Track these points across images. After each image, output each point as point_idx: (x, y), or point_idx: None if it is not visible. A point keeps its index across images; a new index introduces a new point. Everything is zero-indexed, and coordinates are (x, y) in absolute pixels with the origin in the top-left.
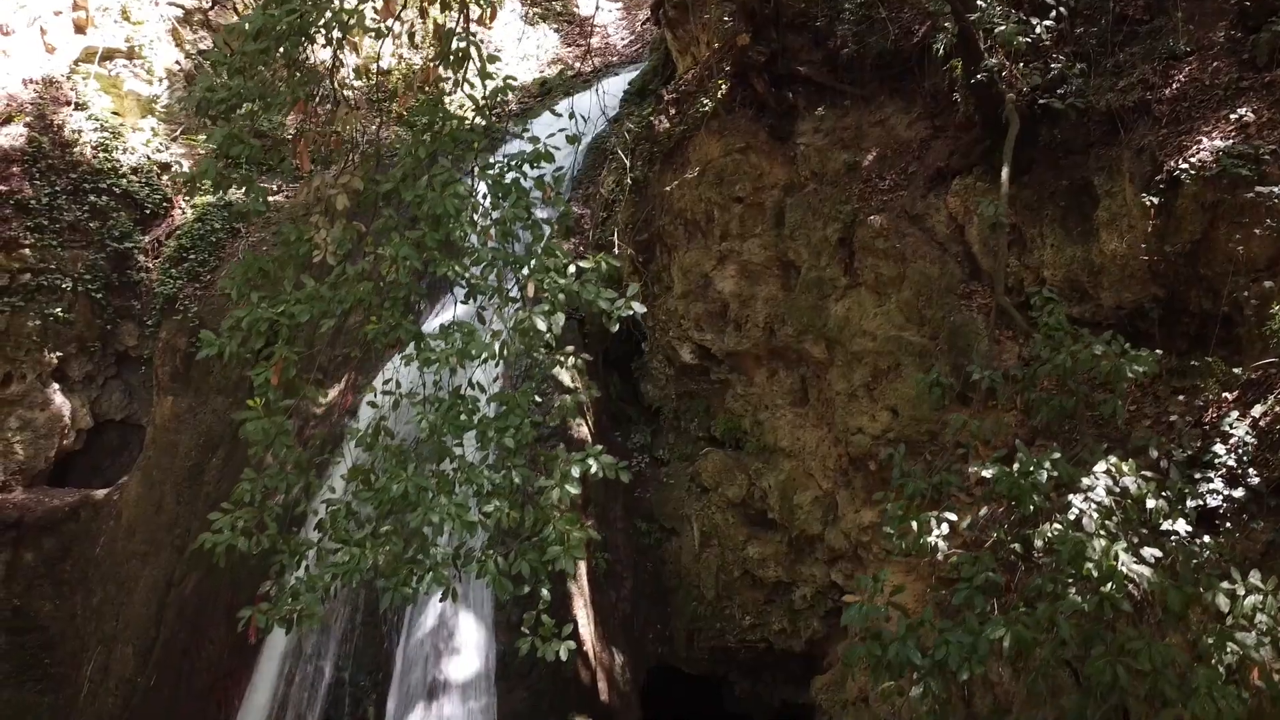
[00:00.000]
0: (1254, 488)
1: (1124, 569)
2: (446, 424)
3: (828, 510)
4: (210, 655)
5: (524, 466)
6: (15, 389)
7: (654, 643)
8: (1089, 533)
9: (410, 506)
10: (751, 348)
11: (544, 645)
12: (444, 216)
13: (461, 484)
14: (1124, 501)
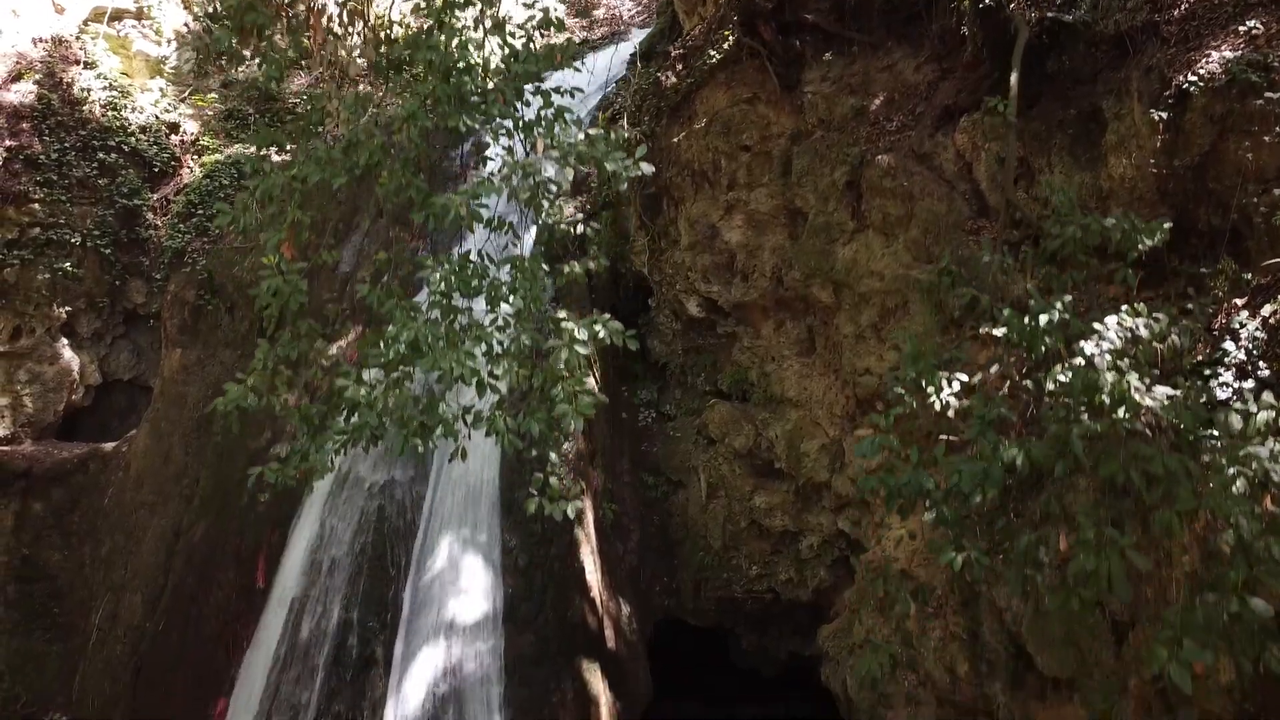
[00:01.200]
0: (1263, 380)
1: (1136, 396)
2: (457, 282)
3: (834, 458)
4: (218, 600)
5: (533, 329)
6: (24, 342)
7: (660, 595)
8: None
9: (419, 354)
10: (759, 298)
11: (552, 505)
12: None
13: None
14: (1135, 348)
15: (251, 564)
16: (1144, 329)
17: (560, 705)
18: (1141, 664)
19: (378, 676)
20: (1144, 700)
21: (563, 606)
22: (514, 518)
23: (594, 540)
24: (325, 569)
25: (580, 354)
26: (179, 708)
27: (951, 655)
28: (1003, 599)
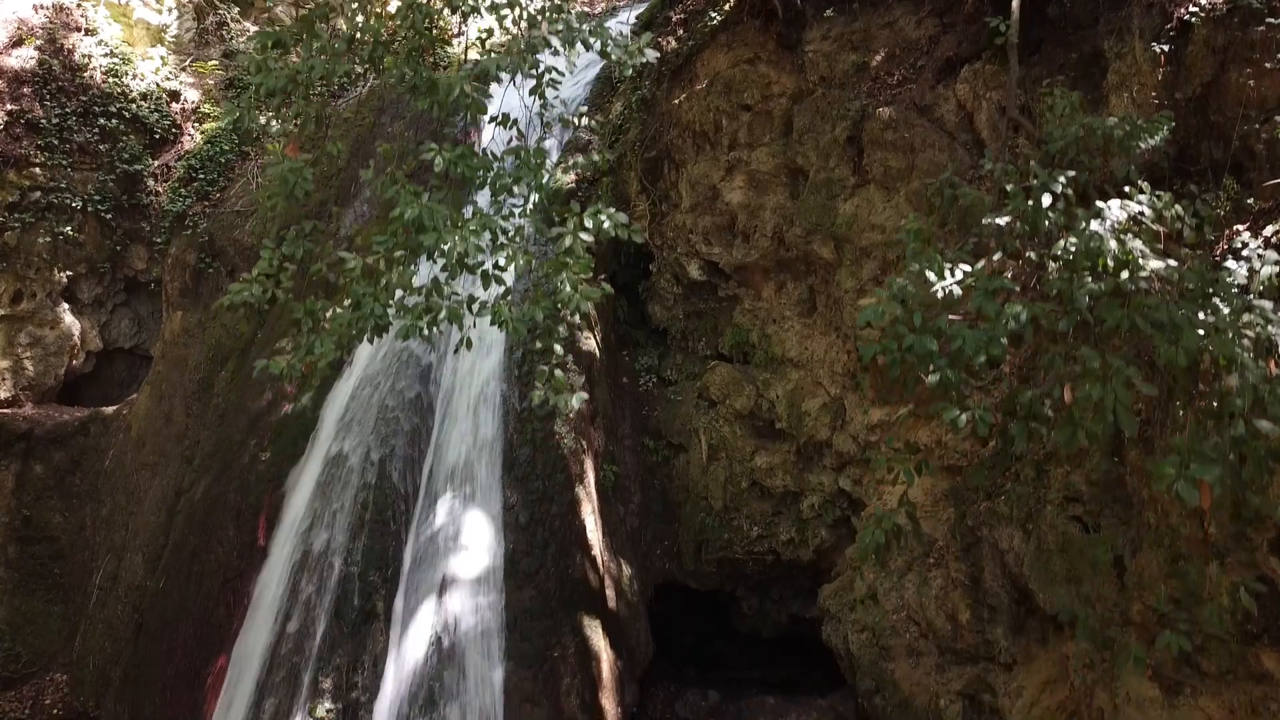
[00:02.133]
0: None
1: (1140, 260)
2: (459, 163)
3: (836, 416)
4: (219, 557)
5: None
6: (25, 306)
7: (661, 558)
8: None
9: (423, 231)
10: (760, 259)
11: (556, 396)
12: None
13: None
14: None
15: (252, 522)
16: (1148, 208)
17: (561, 659)
18: (1144, 590)
19: (379, 630)
20: (1146, 628)
21: (564, 563)
22: (514, 475)
23: (595, 500)
24: (326, 525)
25: (585, 240)
26: (179, 664)
27: (953, 603)
28: (1004, 540)
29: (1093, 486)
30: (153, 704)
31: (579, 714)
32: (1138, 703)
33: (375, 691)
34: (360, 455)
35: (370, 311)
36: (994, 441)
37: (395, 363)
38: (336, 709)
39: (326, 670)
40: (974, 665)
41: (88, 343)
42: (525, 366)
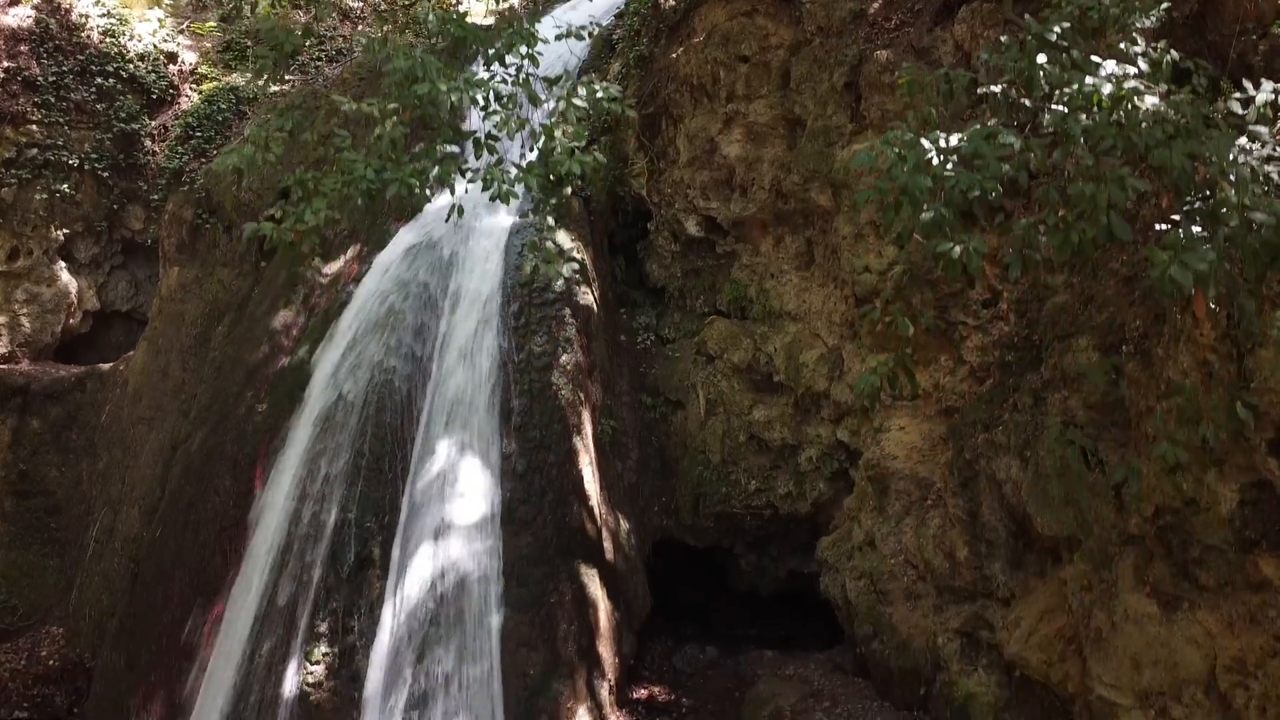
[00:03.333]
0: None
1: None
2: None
3: (833, 366)
4: (216, 506)
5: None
6: (22, 263)
7: (659, 514)
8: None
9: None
10: (757, 212)
11: (548, 265)
12: None
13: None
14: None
15: (248, 472)
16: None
17: (558, 605)
18: (1142, 503)
19: (375, 576)
20: (1144, 545)
21: (561, 511)
22: (511, 424)
23: (592, 452)
24: (322, 474)
25: (578, 106)
26: (175, 612)
27: (951, 541)
28: (1002, 471)
29: (1090, 410)
30: (148, 651)
31: (576, 660)
32: (1135, 619)
33: (372, 637)
34: (357, 405)
35: (361, 175)
36: (991, 380)
37: (391, 313)
38: (333, 653)
39: (322, 615)
40: (971, 603)
41: (84, 302)
42: (522, 318)
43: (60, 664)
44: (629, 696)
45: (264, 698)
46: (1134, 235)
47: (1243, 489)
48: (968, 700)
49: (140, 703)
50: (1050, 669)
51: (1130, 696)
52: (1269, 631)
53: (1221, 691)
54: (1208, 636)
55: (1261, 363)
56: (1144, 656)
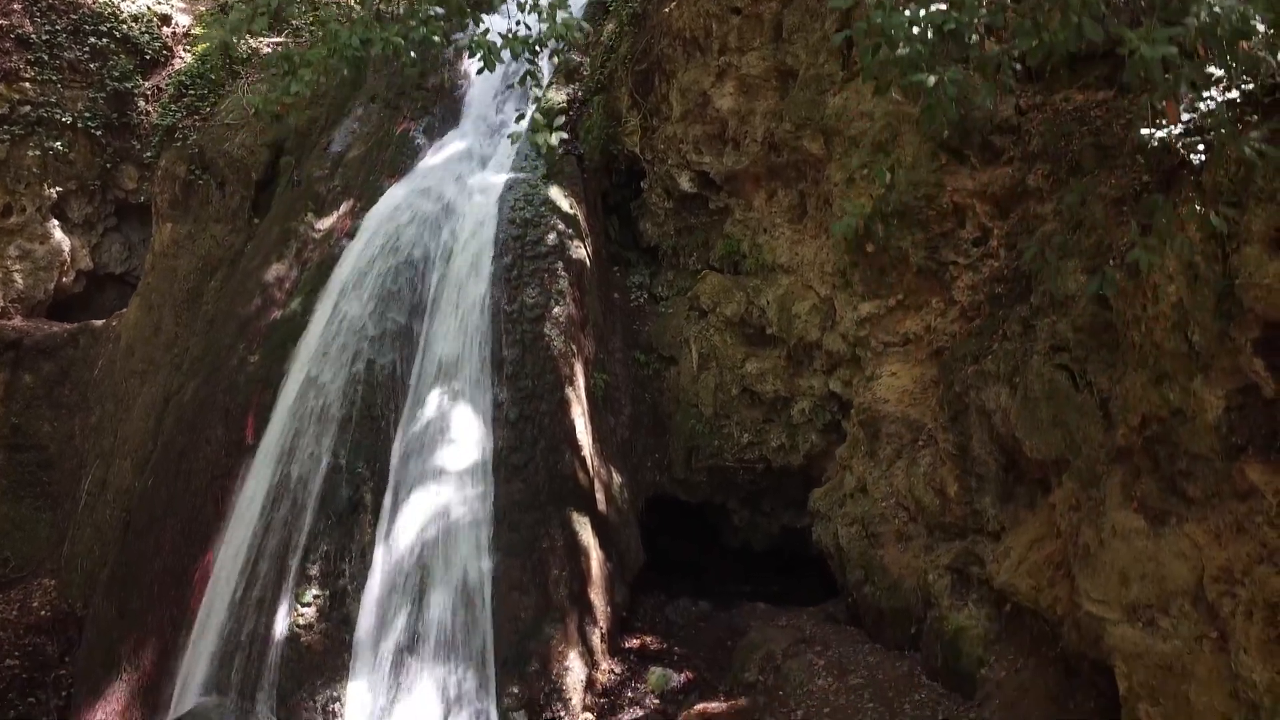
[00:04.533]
0: (1248, 92)
1: None
2: None
3: (826, 316)
4: (207, 456)
5: None
6: (15, 220)
7: (651, 470)
8: None
9: None
10: (750, 165)
11: (534, 135)
12: None
13: None
14: None
15: (240, 421)
16: None
17: (550, 550)
18: (1128, 414)
19: (366, 521)
20: (1132, 460)
21: (553, 459)
22: (504, 374)
23: (584, 403)
24: (314, 421)
25: None
26: (167, 560)
27: (941, 478)
28: (991, 401)
29: (1079, 333)
30: (140, 599)
31: (567, 605)
32: (1123, 535)
33: (363, 581)
34: (350, 354)
35: (346, 43)
36: (981, 317)
37: (384, 265)
38: (324, 595)
39: (313, 558)
40: (962, 539)
41: (78, 261)
42: (514, 271)
43: (51, 614)
44: (621, 646)
45: (254, 640)
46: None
47: (1229, 395)
48: (958, 634)
49: (131, 649)
50: (1039, 594)
51: (1118, 610)
52: (1256, 539)
53: (1209, 601)
54: (1195, 549)
55: (1247, 259)
56: (1131, 571)
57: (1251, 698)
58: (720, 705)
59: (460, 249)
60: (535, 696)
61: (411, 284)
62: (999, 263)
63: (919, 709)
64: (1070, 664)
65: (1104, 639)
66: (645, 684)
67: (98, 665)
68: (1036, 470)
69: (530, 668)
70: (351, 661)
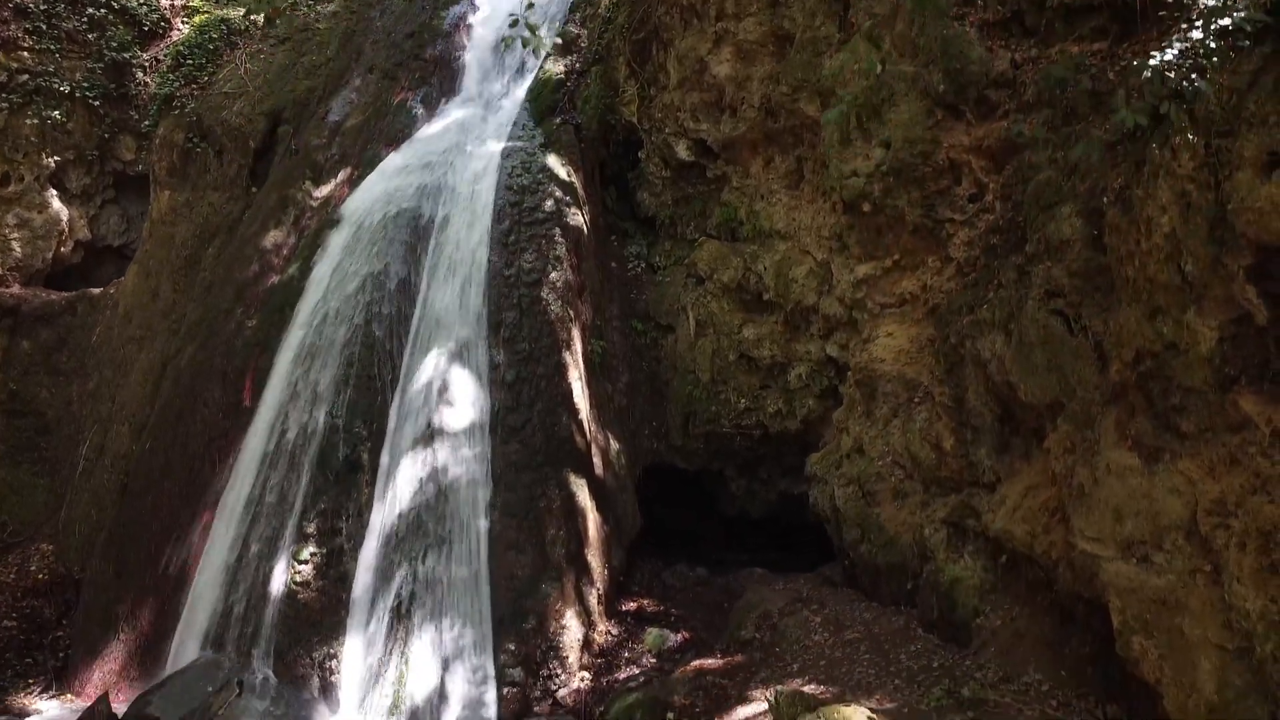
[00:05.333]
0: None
1: None
2: None
3: (822, 281)
4: (205, 418)
5: None
6: (13, 188)
7: (649, 438)
8: None
9: None
10: (747, 131)
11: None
12: None
13: None
14: None
15: (237, 384)
16: None
17: (547, 510)
18: (1123, 348)
19: (364, 480)
20: (1126, 398)
21: (550, 421)
22: (501, 336)
23: (582, 368)
24: (311, 383)
25: None
26: (164, 520)
27: (937, 432)
28: (986, 350)
29: (1073, 278)
30: (137, 559)
31: (564, 564)
32: (1117, 473)
33: (360, 539)
34: (347, 317)
35: None
36: (976, 270)
37: (382, 230)
38: (321, 553)
39: (310, 517)
40: (958, 493)
41: (75, 231)
42: (512, 236)
43: (49, 578)
44: (618, 608)
45: (251, 597)
46: None
47: (1222, 326)
48: (953, 585)
49: (129, 609)
50: (1034, 540)
51: (1112, 547)
52: (1249, 470)
53: (1203, 535)
54: (1188, 484)
55: (1239, 184)
56: (1126, 508)
57: (1244, 626)
58: (717, 661)
59: (457, 214)
60: (532, 654)
61: (409, 248)
62: (994, 216)
63: (915, 658)
64: (1065, 610)
65: (1098, 576)
66: (642, 644)
67: (95, 625)
68: (1032, 419)
69: (527, 625)
70: (348, 619)
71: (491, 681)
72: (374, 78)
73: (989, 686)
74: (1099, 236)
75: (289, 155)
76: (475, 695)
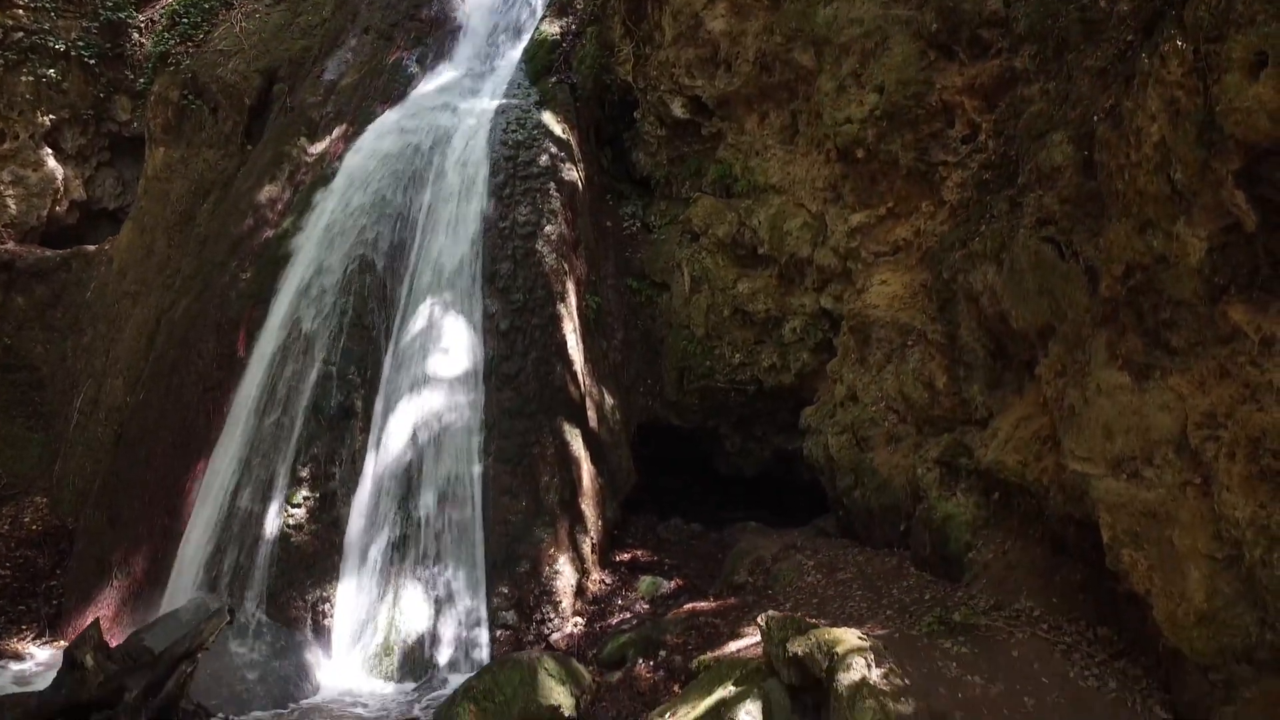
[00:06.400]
0: None
1: None
2: None
3: (817, 233)
4: (199, 369)
5: None
6: (8, 145)
7: (644, 396)
8: None
9: None
10: (742, 86)
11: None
12: None
13: None
14: None
15: (232, 335)
16: None
17: (540, 457)
18: (1113, 263)
19: (358, 426)
20: (1117, 319)
21: (544, 370)
22: (495, 286)
23: (576, 321)
24: (306, 332)
25: None
26: (158, 469)
27: (930, 372)
28: (979, 282)
29: (1064, 204)
30: (131, 508)
31: (558, 511)
32: (1108, 392)
33: (353, 485)
34: (341, 268)
35: None
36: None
37: (378, 180)
38: (314, 497)
39: (303, 460)
40: (950, 432)
41: (71, 191)
42: (506, 189)
43: (43, 529)
44: (612, 559)
45: (244, 541)
46: None
47: (1211, 235)
48: (946, 520)
49: (122, 557)
50: (1026, 469)
51: (1102, 465)
52: (1239, 380)
53: (1192, 448)
54: (1178, 399)
55: (1227, 86)
56: (1116, 425)
57: (1234, 535)
58: (710, 604)
59: (452, 168)
60: (525, 598)
61: (404, 200)
62: (987, 154)
63: (907, 593)
64: (1056, 539)
65: (1088, 494)
66: (636, 592)
67: (88, 573)
68: (1024, 350)
69: (520, 569)
70: (342, 563)
71: (484, 624)
72: (370, 38)
73: (980, 613)
74: (1089, 162)
75: (284, 113)
76: (468, 637)
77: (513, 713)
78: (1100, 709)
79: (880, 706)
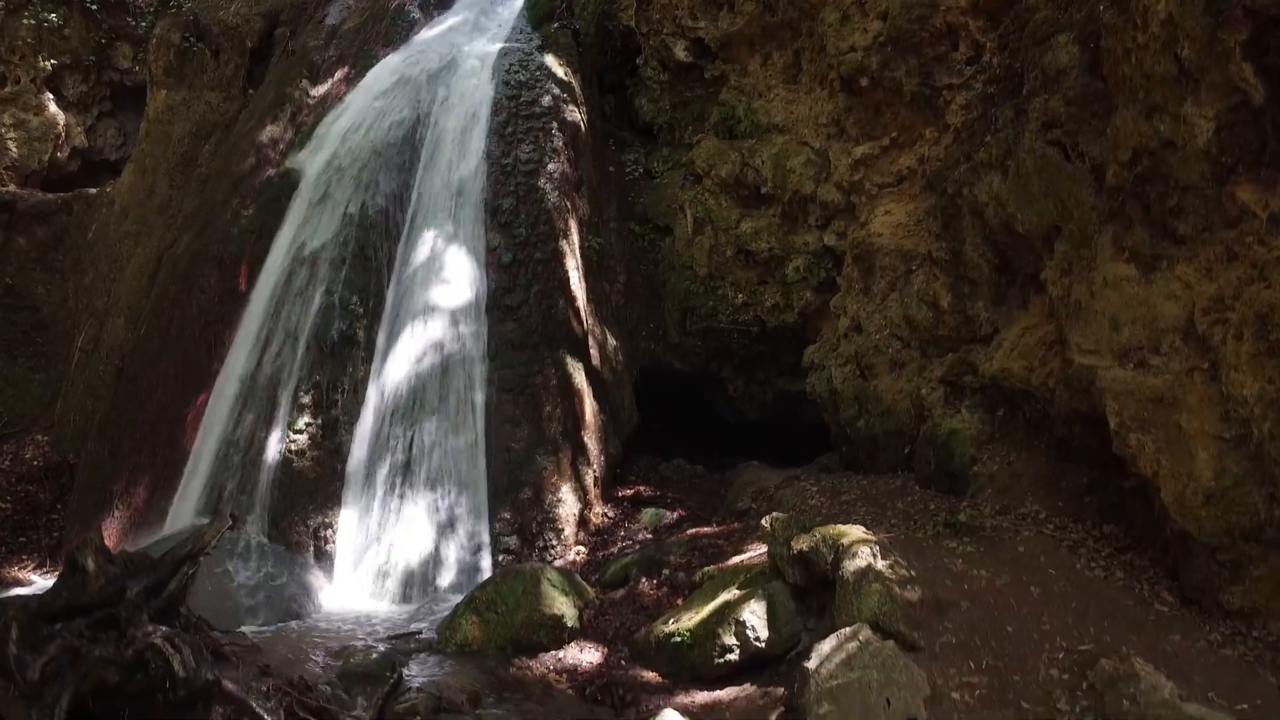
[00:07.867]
0: None
1: None
2: None
3: (820, 169)
4: (201, 304)
5: None
6: (9, 89)
7: (646, 339)
8: None
9: None
10: (745, 26)
11: None
12: None
13: None
14: None
15: (234, 270)
16: None
17: (543, 387)
18: (1119, 148)
19: (360, 355)
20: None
21: (546, 303)
22: (498, 221)
23: (578, 259)
24: (308, 264)
25: None
26: (160, 402)
27: (934, 292)
28: (984, 193)
29: (1070, 105)
30: (132, 440)
31: (560, 440)
32: (1114, 284)
33: (356, 413)
34: (343, 201)
35: None
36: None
37: (381, 120)
38: (316, 424)
39: (305, 388)
40: (955, 351)
41: (72, 137)
42: (509, 128)
43: (44, 465)
44: (615, 494)
45: (246, 467)
46: None
47: (1219, 114)
48: (950, 436)
49: (124, 488)
50: (1031, 375)
51: (1109, 357)
52: (1246, 260)
53: (1200, 334)
54: (1185, 288)
55: None
56: (1122, 316)
57: (1242, 414)
58: (713, 529)
59: (455, 106)
60: (528, 524)
61: (406, 139)
62: (991, 71)
63: (910, 505)
64: (1063, 447)
65: (1095, 385)
66: (638, 523)
67: (90, 504)
68: (1029, 263)
69: (523, 495)
70: (343, 489)
71: (487, 549)
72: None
73: (986, 516)
74: (1095, 61)
75: (286, 56)
76: (470, 561)
77: (515, 622)
78: (1108, 595)
79: (886, 590)
